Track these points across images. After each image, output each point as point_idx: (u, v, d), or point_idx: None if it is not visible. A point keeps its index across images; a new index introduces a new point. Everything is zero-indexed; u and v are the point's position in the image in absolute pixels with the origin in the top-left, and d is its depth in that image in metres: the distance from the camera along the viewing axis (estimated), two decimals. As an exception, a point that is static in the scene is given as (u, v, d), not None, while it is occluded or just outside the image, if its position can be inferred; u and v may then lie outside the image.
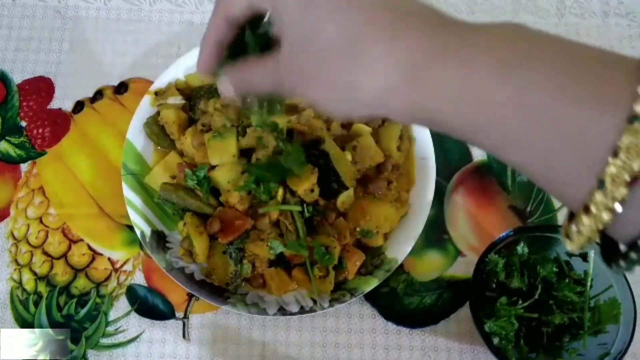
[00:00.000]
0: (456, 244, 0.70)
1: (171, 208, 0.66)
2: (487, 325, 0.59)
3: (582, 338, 0.59)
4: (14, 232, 0.70)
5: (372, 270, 0.64)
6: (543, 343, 0.60)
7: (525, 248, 0.62)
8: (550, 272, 0.60)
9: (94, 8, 0.81)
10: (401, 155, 0.68)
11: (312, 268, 0.61)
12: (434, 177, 0.67)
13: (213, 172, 0.63)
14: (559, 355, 0.59)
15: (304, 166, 0.60)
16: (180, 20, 0.81)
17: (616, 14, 0.83)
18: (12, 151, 0.73)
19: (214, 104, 0.67)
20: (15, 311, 0.66)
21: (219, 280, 0.64)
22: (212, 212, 0.63)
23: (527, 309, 0.60)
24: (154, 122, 0.69)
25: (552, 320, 0.59)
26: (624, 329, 0.56)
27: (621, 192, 0.26)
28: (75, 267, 0.68)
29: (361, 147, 0.65)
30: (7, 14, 0.80)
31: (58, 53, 0.78)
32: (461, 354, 0.65)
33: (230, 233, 0.62)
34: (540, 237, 0.62)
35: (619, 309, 0.57)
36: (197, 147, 0.65)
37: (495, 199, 0.72)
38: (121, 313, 0.66)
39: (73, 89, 0.76)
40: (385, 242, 0.65)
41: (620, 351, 0.55)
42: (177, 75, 0.72)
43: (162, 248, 0.65)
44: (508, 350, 0.59)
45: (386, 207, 0.64)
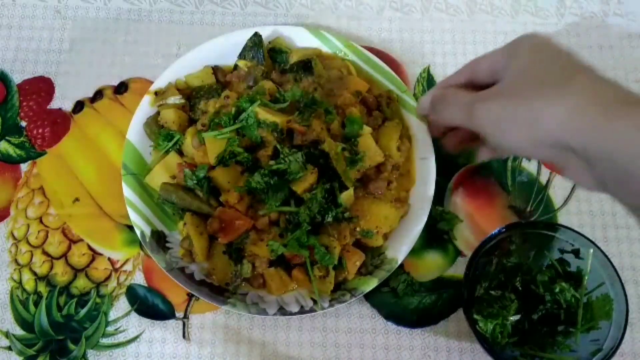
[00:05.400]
0: (456, 244, 0.70)
1: (171, 208, 0.66)
2: (481, 323, 0.59)
3: (575, 335, 0.59)
4: (14, 232, 0.70)
5: (372, 270, 0.64)
6: (536, 340, 0.60)
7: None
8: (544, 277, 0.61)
9: (94, 8, 0.81)
10: (401, 155, 0.68)
11: (312, 268, 0.61)
12: (434, 177, 0.67)
13: (213, 172, 0.63)
14: (552, 352, 0.59)
15: (304, 171, 0.61)
16: (180, 20, 0.81)
17: (616, 14, 0.83)
18: (12, 151, 0.73)
19: (214, 104, 0.67)
20: (15, 311, 0.66)
21: (219, 280, 0.64)
22: (212, 212, 0.63)
23: (521, 306, 0.61)
24: (154, 122, 0.69)
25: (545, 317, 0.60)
26: (615, 325, 0.57)
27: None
28: (75, 267, 0.68)
29: (361, 147, 0.65)
30: (7, 14, 0.80)
31: (58, 53, 0.78)
32: (461, 354, 0.65)
33: (230, 233, 0.62)
34: (534, 234, 0.63)
35: (611, 305, 0.58)
36: (197, 147, 0.65)
37: (495, 199, 0.72)
38: (121, 313, 0.66)
39: (73, 89, 0.76)
40: (385, 242, 0.65)
41: (612, 347, 0.56)
42: (177, 75, 0.72)
43: (162, 248, 0.65)
44: (501, 348, 0.59)
45: (386, 207, 0.64)
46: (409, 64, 0.79)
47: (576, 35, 0.82)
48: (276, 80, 0.70)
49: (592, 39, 0.82)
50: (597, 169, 0.44)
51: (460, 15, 0.83)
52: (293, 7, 0.82)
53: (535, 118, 0.45)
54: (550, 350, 0.60)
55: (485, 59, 0.55)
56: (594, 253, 0.60)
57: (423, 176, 0.68)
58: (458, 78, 0.59)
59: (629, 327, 0.56)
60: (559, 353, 0.59)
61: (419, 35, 0.81)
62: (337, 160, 0.62)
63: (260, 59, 0.71)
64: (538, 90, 0.46)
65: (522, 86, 0.48)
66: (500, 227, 0.61)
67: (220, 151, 0.62)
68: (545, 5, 0.84)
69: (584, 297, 0.60)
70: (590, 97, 0.43)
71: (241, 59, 0.72)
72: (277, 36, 0.74)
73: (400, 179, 0.68)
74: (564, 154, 0.46)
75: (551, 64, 0.48)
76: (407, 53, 0.79)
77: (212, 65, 0.73)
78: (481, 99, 0.50)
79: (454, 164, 0.73)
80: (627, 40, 0.82)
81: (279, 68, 0.73)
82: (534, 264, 0.63)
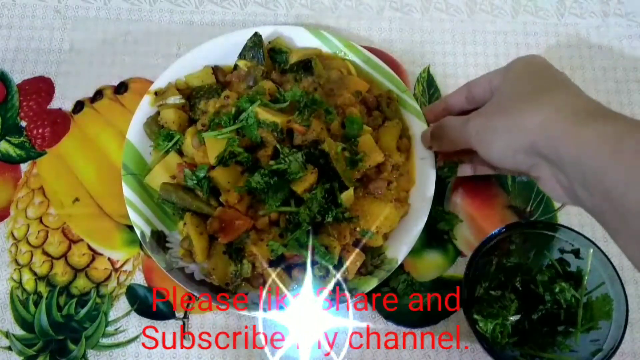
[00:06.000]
0: (456, 244, 0.70)
1: (171, 208, 0.66)
2: (481, 323, 0.59)
3: (575, 335, 0.59)
4: (14, 232, 0.70)
5: (372, 270, 0.64)
6: (536, 340, 0.60)
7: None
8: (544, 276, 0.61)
9: (94, 8, 0.81)
10: (401, 155, 0.68)
11: (312, 268, 0.61)
12: (434, 177, 0.67)
13: (213, 172, 0.63)
14: (552, 352, 0.59)
15: (304, 171, 0.61)
16: (180, 20, 0.81)
17: (616, 14, 0.83)
18: (12, 151, 0.73)
19: (214, 104, 0.67)
20: (15, 311, 0.66)
21: (219, 280, 0.63)
22: (212, 212, 0.63)
23: (521, 306, 0.61)
24: (154, 122, 0.69)
25: (545, 317, 0.60)
26: (615, 325, 0.57)
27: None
28: (75, 267, 0.68)
29: (361, 147, 0.65)
30: (7, 14, 0.80)
31: (58, 53, 0.78)
32: (461, 354, 0.65)
33: (230, 233, 0.61)
34: (534, 234, 0.63)
35: (611, 305, 0.58)
36: (197, 147, 0.65)
37: (495, 199, 0.72)
38: (121, 313, 0.66)
39: (73, 89, 0.76)
40: (385, 242, 0.65)
41: (612, 347, 0.56)
42: (177, 75, 0.72)
43: (162, 248, 0.65)
44: (501, 348, 0.59)
45: (386, 207, 0.64)
46: (409, 64, 0.79)
47: (576, 35, 0.82)
48: (276, 80, 0.70)
49: (592, 39, 0.82)
50: (567, 173, 0.47)
51: (460, 15, 0.83)
52: (293, 7, 0.82)
53: (513, 126, 0.50)
54: (550, 350, 0.60)
55: (484, 77, 0.60)
56: (594, 253, 0.60)
57: (423, 176, 0.68)
58: (456, 96, 0.64)
59: (629, 327, 0.56)
60: (559, 353, 0.59)
61: (419, 35, 0.81)
62: (337, 160, 0.62)
63: (260, 59, 0.71)
64: (518, 103, 0.51)
65: (507, 101, 0.53)
66: (500, 227, 0.61)
67: (220, 151, 0.62)
68: (545, 5, 0.84)
69: (584, 297, 0.60)
70: (563, 108, 0.48)
71: (241, 59, 0.72)
72: (277, 36, 0.74)
73: (400, 179, 0.68)
74: (537, 161, 0.50)
75: (535, 79, 0.53)
76: (407, 53, 0.79)
77: (212, 65, 0.73)
78: (472, 118, 0.56)
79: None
80: (627, 40, 0.82)
81: (279, 68, 0.73)
82: (534, 264, 0.63)
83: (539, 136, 0.48)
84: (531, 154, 0.50)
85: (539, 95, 0.51)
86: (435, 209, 0.68)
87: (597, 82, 0.79)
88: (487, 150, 0.54)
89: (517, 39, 0.81)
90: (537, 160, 0.50)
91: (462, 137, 0.57)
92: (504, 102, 0.54)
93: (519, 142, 0.50)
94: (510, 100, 0.53)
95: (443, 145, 0.63)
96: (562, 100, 0.49)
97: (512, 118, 0.51)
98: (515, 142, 0.50)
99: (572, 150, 0.45)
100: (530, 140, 0.49)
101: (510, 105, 0.52)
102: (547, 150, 0.48)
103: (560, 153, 0.46)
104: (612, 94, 0.78)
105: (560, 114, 0.47)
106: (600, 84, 0.79)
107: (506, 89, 0.55)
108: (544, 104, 0.49)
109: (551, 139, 0.47)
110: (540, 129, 0.48)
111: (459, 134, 0.57)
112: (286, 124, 0.63)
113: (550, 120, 0.47)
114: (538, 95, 0.51)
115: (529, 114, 0.49)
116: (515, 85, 0.54)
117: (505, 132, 0.51)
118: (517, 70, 0.56)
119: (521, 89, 0.53)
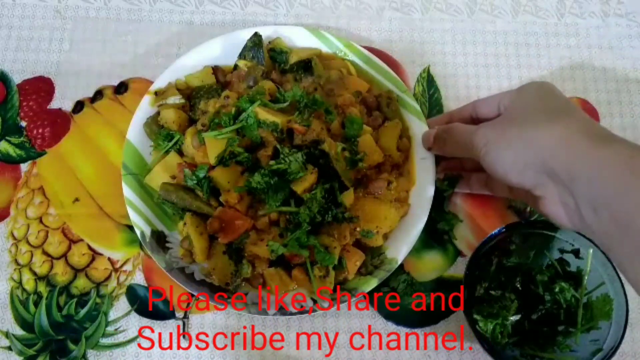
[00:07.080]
0: (456, 244, 0.70)
1: (171, 208, 0.66)
2: (481, 323, 0.59)
3: (575, 335, 0.59)
4: (14, 232, 0.70)
5: (372, 270, 0.64)
6: (536, 340, 0.60)
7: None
8: (544, 277, 0.61)
9: (94, 8, 0.81)
10: (401, 155, 0.68)
11: (312, 268, 0.61)
12: (434, 177, 0.67)
13: (213, 172, 0.63)
14: (552, 352, 0.59)
15: (304, 171, 0.61)
16: (180, 20, 0.81)
17: (616, 14, 0.83)
18: (12, 151, 0.73)
19: (214, 104, 0.67)
20: (15, 311, 0.66)
21: (219, 280, 0.64)
22: (212, 212, 0.63)
23: (521, 306, 0.61)
24: (154, 122, 0.69)
25: (545, 317, 0.60)
26: (615, 325, 0.57)
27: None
28: (75, 267, 0.68)
29: (361, 147, 0.65)
30: (7, 14, 0.80)
31: (58, 53, 0.78)
32: (461, 354, 0.65)
33: (230, 233, 0.62)
34: (534, 234, 0.63)
35: (611, 305, 0.58)
36: (197, 147, 0.65)
37: (495, 199, 0.72)
38: (121, 313, 0.66)
39: (73, 89, 0.76)
40: (385, 242, 0.65)
41: (612, 347, 0.56)
42: (177, 75, 0.72)
43: (162, 248, 0.65)
44: (501, 348, 0.59)
45: (386, 207, 0.64)
46: (409, 64, 0.79)
47: (576, 35, 0.82)
48: (276, 80, 0.70)
49: (592, 39, 0.82)
50: (576, 194, 0.48)
51: (460, 15, 0.83)
52: (293, 7, 0.82)
53: (528, 140, 0.51)
54: (550, 350, 0.60)
55: (492, 97, 0.61)
56: (593, 253, 0.60)
57: (423, 176, 0.68)
58: (462, 112, 0.65)
59: (629, 327, 0.56)
60: (559, 353, 0.59)
61: (419, 35, 0.81)
62: (337, 160, 0.62)
63: (260, 59, 0.71)
64: (533, 121, 0.53)
65: (521, 118, 0.54)
66: (500, 227, 0.61)
67: (220, 151, 0.62)
68: (545, 5, 0.84)
69: (584, 297, 0.60)
70: (579, 130, 0.50)
71: (241, 59, 0.72)
72: (277, 36, 0.74)
73: (400, 179, 0.68)
74: (544, 181, 0.51)
75: (549, 101, 0.55)
76: (407, 53, 0.79)
77: (212, 65, 0.73)
78: (483, 127, 0.56)
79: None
80: (627, 40, 0.82)
81: (279, 68, 0.73)
82: (534, 264, 0.63)
83: (553, 154, 0.49)
84: (540, 172, 0.51)
85: (554, 115, 0.52)
86: (435, 209, 0.68)
87: (597, 82, 0.79)
88: (494, 161, 0.54)
89: (517, 39, 0.81)
90: (544, 180, 0.51)
91: (468, 145, 0.57)
92: (518, 118, 0.55)
93: (532, 158, 0.51)
94: (525, 117, 0.54)
95: (445, 150, 0.63)
96: (577, 123, 0.51)
97: (528, 133, 0.52)
98: (528, 156, 0.51)
99: (588, 169, 0.47)
100: (543, 157, 0.50)
101: (524, 121, 0.53)
102: (560, 168, 0.49)
103: (575, 172, 0.48)
104: (612, 93, 0.78)
105: (576, 135, 0.49)
106: (600, 84, 0.79)
107: (519, 108, 0.56)
108: (560, 124, 0.51)
109: (567, 157, 0.48)
110: (557, 147, 0.49)
111: (466, 140, 0.57)
112: (286, 124, 0.63)
113: (567, 139, 0.49)
114: (553, 116, 0.52)
115: (545, 131, 0.51)
116: (529, 105, 0.55)
117: (519, 145, 0.52)
118: (530, 92, 0.57)
119: (535, 108, 0.54)
